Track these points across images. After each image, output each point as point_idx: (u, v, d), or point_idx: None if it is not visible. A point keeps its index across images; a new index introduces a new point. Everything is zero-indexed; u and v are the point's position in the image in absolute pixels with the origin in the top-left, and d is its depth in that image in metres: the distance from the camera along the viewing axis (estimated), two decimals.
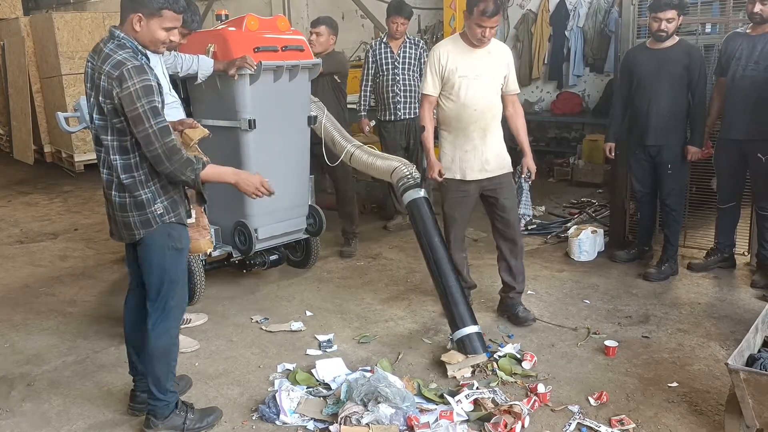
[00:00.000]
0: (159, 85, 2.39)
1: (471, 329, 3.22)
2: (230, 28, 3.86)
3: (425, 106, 3.51)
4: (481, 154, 3.46)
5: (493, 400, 2.80)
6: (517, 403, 2.73)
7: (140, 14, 2.34)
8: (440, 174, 3.45)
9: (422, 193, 3.55)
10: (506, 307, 3.70)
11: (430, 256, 3.43)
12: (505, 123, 3.58)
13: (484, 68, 3.39)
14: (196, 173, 2.42)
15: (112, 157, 2.42)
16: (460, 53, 3.39)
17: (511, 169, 3.59)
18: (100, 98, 2.35)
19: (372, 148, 4.15)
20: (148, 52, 2.46)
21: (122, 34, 2.37)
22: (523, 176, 3.63)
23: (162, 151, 2.33)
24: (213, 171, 2.51)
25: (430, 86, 3.45)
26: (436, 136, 3.60)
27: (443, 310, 3.41)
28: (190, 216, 2.66)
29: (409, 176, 3.62)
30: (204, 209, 3.07)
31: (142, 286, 2.64)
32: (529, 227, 4.89)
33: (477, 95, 3.38)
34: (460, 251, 3.67)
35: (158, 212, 2.47)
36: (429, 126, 3.50)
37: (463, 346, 3.20)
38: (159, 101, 2.35)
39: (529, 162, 3.60)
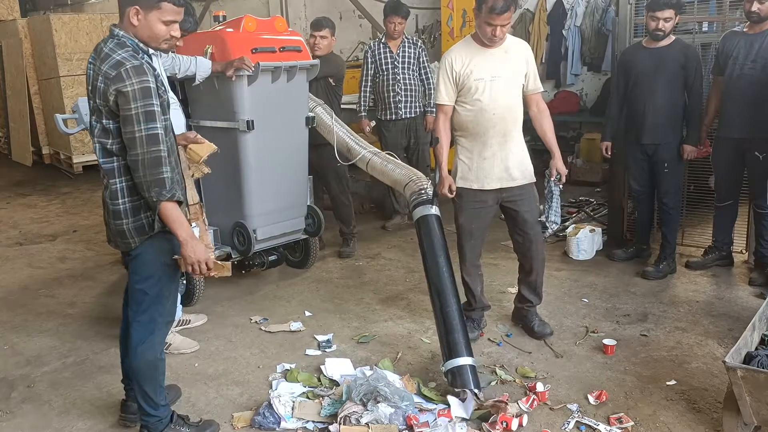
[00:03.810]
0: (161, 86, 2.32)
1: (465, 360, 2.87)
2: (228, 29, 3.87)
3: (440, 117, 3.28)
4: (501, 162, 3.24)
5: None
6: (499, 399, 2.74)
7: (137, 7, 2.23)
8: (450, 190, 3.25)
9: (434, 210, 3.30)
10: (521, 317, 3.55)
11: (432, 277, 3.15)
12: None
13: (502, 69, 3.17)
14: (159, 197, 2.22)
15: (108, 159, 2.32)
16: (474, 55, 3.18)
17: (534, 180, 3.35)
18: (97, 100, 2.26)
19: (391, 155, 4.03)
20: (151, 51, 2.37)
21: (122, 33, 2.27)
22: (552, 179, 3.37)
23: (142, 159, 2.20)
24: (174, 213, 2.27)
25: (444, 95, 3.23)
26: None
27: (438, 336, 3.08)
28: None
29: (422, 191, 3.42)
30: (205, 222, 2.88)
31: None
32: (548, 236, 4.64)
33: (496, 98, 3.16)
34: (476, 269, 3.46)
35: (152, 219, 2.33)
36: (444, 138, 3.26)
37: (453, 378, 2.86)
38: (157, 104, 2.23)
39: (558, 164, 3.33)
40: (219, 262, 2.49)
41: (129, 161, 2.24)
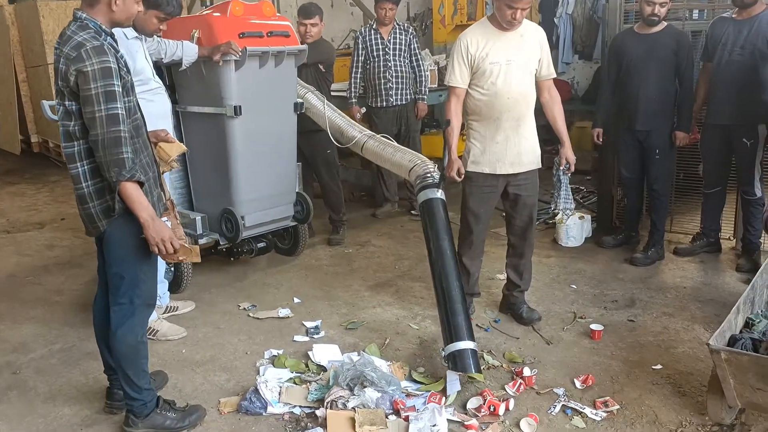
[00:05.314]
0: (123, 67, 2.31)
1: (466, 344, 2.87)
2: (215, 14, 3.82)
3: (452, 100, 3.24)
4: (514, 146, 3.23)
5: None
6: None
7: None
8: (459, 173, 3.22)
9: (439, 194, 3.30)
10: (509, 305, 3.55)
11: (436, 260, 3.14)
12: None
13: (517, 53, 3.15)
14: (118, 177, 2.21)
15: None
16: (490, 38, 3.14)
17: (540, 166, 3.38)
18: (60, 82, 2.25)
19: (386, 138, 3.96)
20: (125, 34, 2.36)
21: (84, 15, 2.29)
22: (561, 168, 3.37)
23: (102, 139, 2.19)
24: (135, 194, 2.25)
25: (458, 78, 3.19)
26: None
27: (440, 319, 3.07)
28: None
29: (428, 175, 3.38)
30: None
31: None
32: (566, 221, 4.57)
33: (511, 82, 3.14)
34: (479, 254, 3.48)
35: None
36: (455, 120, 3.23)
37: (454, 362, 2.86)
38: (118, 84, 2.22)
39: (568, 153, 3.35)
40: (187, 245, 2.47)
41: (90, 141, 2.23)
